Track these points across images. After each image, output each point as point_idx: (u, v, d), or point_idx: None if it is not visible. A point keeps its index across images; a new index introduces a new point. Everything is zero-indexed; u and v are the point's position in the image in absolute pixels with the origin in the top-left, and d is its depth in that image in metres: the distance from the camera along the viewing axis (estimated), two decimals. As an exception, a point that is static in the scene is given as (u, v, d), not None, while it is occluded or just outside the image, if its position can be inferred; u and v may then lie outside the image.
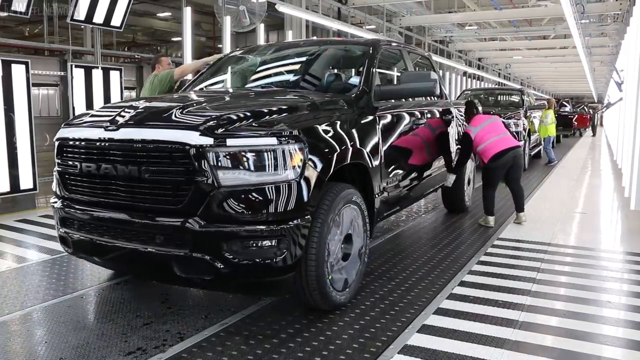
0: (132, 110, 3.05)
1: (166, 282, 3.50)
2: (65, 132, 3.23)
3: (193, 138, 2.68)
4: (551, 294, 3.59)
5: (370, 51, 4.21)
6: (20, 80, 6.39)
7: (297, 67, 4.64)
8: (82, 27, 12.71)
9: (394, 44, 5.07)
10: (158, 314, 3.22)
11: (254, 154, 2.71)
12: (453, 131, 5.61)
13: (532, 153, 11.54)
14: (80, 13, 7.05)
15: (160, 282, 3.65)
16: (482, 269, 4.11)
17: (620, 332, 3.06)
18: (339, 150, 3.15)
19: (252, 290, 3.05)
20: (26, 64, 6.48)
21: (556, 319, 3.20)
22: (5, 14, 6.46)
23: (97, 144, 2.98)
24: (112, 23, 7.59)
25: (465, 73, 23.90)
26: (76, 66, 7.53)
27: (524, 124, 10.10)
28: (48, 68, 10.50)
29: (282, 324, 3.06)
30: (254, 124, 2.83)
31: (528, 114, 10.80)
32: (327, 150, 3.05)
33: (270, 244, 2.72)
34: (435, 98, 5.34)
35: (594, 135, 24.73)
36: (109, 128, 2.94)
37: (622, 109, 10.41)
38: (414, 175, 4.58)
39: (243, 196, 2.68)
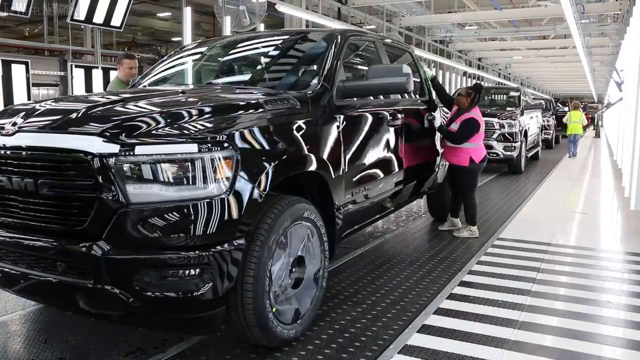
0: (36, 111, 2.62)
1: (80, 315, 2.91)
2: None
3: (95, 145, 2.27)
4: (551, 294, 3.59)
5: (334, 43, 3.64)
6: (20, 80, 6.42)
7: (251, 61, 4.18)
8: (82, 27, 12.71)
9: (365, 35, 4.44)
10: (158, 314, 3.21)
11: (170, 164, 2.28)
12: (437, 134, 5.04)
13: (530, 155, 11.42)
14: (80, 13, 7.08)
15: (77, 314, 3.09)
16: (482, 269, 4.11)
17: (620, 332, 3.06)
18: (283, 158, 2.70)
19: (176, 327, 2.54)
20: (26, 64, 6.50)
21: (556, 319, 3.20)
22: (5, 14, 6.48)
23: None
24: (112, 23, 7.61)
25: (465, 73, 23.96)
26: (76, 66, 7.57)
27: (520, 124, 9.74)
28: (48, 68, 10.49)
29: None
30: (172, 128, 2.38)
31: (529, 115, 10.63)
32: (266, 158, 2.59)
33: (191, 273, 2.28)
34: (419, 96, 4.83)
35: (597, 136, 23.82)
36: (4, 132, 2.51)
37: (622, 109, 10.42)
38: (386, 185, 4.04)
39: (157, 215, 2.26)
